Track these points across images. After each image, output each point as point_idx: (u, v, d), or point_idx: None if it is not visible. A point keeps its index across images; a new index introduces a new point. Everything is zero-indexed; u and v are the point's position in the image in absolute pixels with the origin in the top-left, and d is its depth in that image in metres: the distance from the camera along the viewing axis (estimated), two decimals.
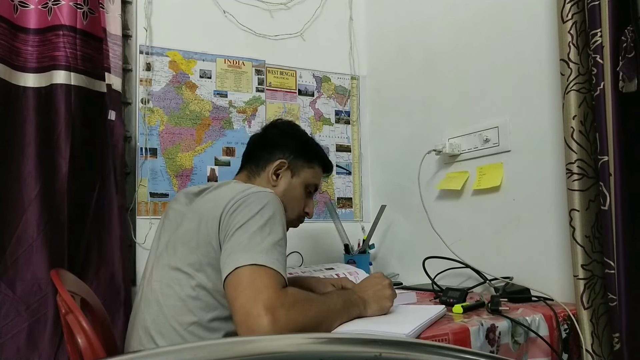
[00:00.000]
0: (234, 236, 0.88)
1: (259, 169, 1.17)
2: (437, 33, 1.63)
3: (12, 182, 1.34)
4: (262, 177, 1.16)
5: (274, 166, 1.16)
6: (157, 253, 1.07)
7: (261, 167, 1.17)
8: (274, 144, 1.19)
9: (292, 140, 1.21)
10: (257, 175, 1.17)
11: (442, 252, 1.41)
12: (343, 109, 1.97)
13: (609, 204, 0.98)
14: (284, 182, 1.16)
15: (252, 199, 0.93)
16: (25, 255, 1.33)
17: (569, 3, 1.07)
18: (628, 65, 0.95)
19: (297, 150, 1.19)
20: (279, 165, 1.16)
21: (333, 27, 1.96)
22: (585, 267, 1.04)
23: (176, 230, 1.03)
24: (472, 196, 1.46)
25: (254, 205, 0.91)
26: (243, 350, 0.35)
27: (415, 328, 0.84)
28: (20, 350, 1.29)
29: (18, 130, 1.37)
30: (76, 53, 1.43)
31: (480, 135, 1.42)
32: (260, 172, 1.17)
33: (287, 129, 1.26)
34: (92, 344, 0.81)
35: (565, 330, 1.04)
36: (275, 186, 1.15)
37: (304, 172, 1.19)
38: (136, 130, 1.61)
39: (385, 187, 1.91)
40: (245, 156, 1.24)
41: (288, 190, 1.16)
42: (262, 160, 1.17)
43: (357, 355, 0.37)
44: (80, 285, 1.12)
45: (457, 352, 0.38)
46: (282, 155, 1.17)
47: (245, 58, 1.80)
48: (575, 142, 1.06)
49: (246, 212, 0.90)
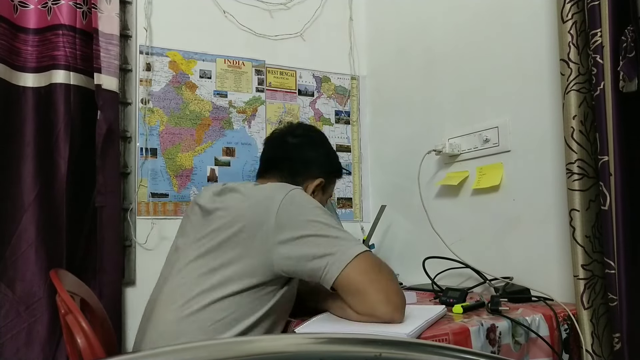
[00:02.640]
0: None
1: (296, 184, 1.11)
2: (437, 33, 1.63)
3: (11, 182, 1.34)
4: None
5: (314, 185, 1.16)
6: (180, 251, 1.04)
7: (298, 182, 1.12)
8: (311, 159, 1.18)
9: (327, 158, 1.22)
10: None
11: (442, 252, 1.41)
12: (343, 109, 1.97)
13: (609, 204, 0.98)
14: (317, 199, 1.14)
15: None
16: (25, 255, 1.33)
17: (569, 3, 1.07)
18: (628, 65, 0.95)
19: (330, 167, 1.21)
20: (319, 184, 1.16)
21: (333, 27, 1.96)
22: (586, 267, 1.04)
23: (204, 227, 1.00)
24: (472, 196, 1.46)
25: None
26: (243, 350, 0.35)
27: (416, 328, 0.84)
28: (20, 350, 1.29)
29: (17, 130, 1.37)
30: (75, 52, 1.43)
31: (480, 135, 1.42)
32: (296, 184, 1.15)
33: (320, 142, 1.24)
34: (92, 344, 0.81)
35: (565, 330, 1.04)
36: None
37: (330, 188, 1.23)
38: (136, 130, 1.61)
39: (385, 187, 1.91)
40: (275, 162, 1.18)
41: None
42: (299, 176, 1.15)
43: (357, 355, 0.37)
44: (80, 286, 1.12)
45: (457, 352, 0.38)
46: (319, 174, 1.17)
47: (245, 58, 1.80)
48: (576, 142, 1.06)
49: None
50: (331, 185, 1.24)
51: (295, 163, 1.16)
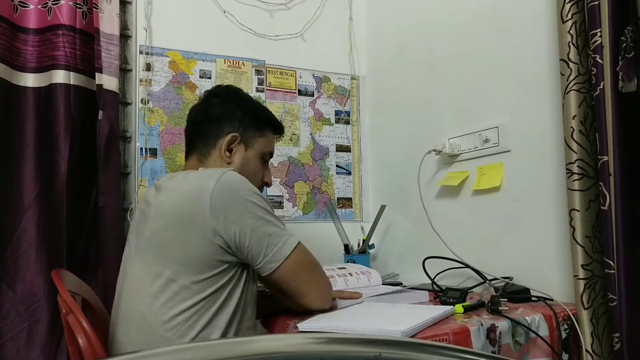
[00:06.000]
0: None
1: (209, 147, 1.09)
2: (437, 33, 1.63)
3: (11, 183, 1.34)
4: (214, 155, 1.09)
5: (225, 142, 1.08)
6: (134, 249, 1.04)
7: (211, 144, 1.09)
8: (221, 116, 1.10)
9: (239, 108, 1.12)
10: (208, 155, 1.09)
11: (442, 252, 1.41)
12: (343, 109, 1.97)
13: (609, 204, 0.98)
14: (238, 157, 1.10)
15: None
16: (25, 255, 1.33)
17: (568, 3, 1.07)
18: (628, 65, 0.95)
19: (246, 120, 1.11)
20: (230, 139, 1.08)
21: (333, 27, 1.96)
22: (586, 267, 1.04)
23: (145, 227, 1.00)
24: (472, 196, 1.46)
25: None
26: (243, 350, 0.35)
27: (412, 327, 0.84)
28: (20, 350, 1.29)
29: (18, 130, 1.37)
30: (75, 53, 1.43)
31: (480, 135, 1.42)
32: (210, 150, 1.09)
33: (231, 97, 1.16)
34: (93, 344, 0.81)
35: (565, 330, 1.04)
36: (230, 163, 1.09)
37: (257, 142, 1.13)
38: (136, 130, 1.61)
39: (385, 187, 1.91)
40: (190, 133, 1.14)
41: (244, 164, 1.10)
42: (210, 137, 1.09)
43: (357, 355, 0.37)
44: (81, 286, 1.12)
45: (457, 352, 0.38)
46: (231, 129, 1.09)
47: (245, 58, 1.80)
48: (575, 142, 1.06)
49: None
50: (257, 138, 1.13)
51: (204, 129, 1.10)
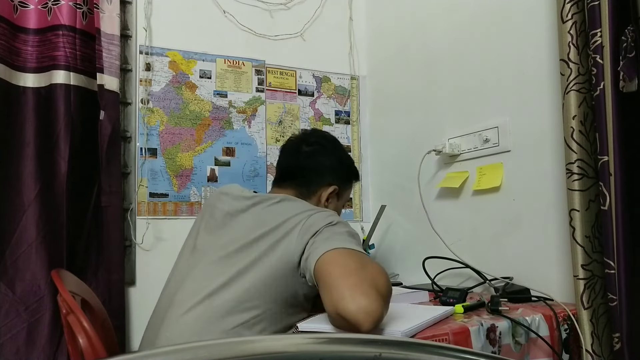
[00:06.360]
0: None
1: (310, 193, 1.18)
2: (437, 33, 1.63)
3: (11, 182, 1.34)
4: (312, 200, 1.18)
5: (327, 193, 1.19)
6: (198, 252, 1.05)
7: (312, 191, 1.18)
8: (324, 166, 1.21)
9: (340, 164, 1.25)
10: (307, 198, 1.17)
11: (442, 252, 1.41)
12: (343, 109, 1.97)
13: (609, 204, 0.98)
14: (332, 207, 1.20)
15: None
16: (25, 255, 1.33)
17: (568, 3, 1.07)
18: (628, 65, 0.95)
19: (345, 175, 1.25)
20: (332, 192, 1.19)
21: (333, 27, 1.96)
22: (585, 267, 1.04)
23: (229, 232, 1.03)
24: (472, 196, 1.46)
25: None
26: (243, 350, 0.35)
27: (412, 327, 0.84)
28: (20, 350, 1.29)
29: (18, 130, 1.37)
30: (75, 53, 1.43)
31: (480, 135, 1.42)
32: (311, 195, 1.18)
33: (333, 149, 1.26)
34: (93, 344, 0.81)
35: (565, 330, 1.04)
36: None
37: (346, 192, 1.27)
38: (136, 130, 1.61)
39: (385, 187, 1.91)
40: (291, 172, 1.22)
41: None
42: (312, 185, 1.19)
43: (357, 355, 0.37)
44: (81, 286, 1.12)
45: (457, 352, 0.38)
46: (333, 181, 1.20)
47: (245, 58, 1.80)
48: (575, 142, 1.06)
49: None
50: (347, 190, 1.27)
51: (309, 172, 1.20)
